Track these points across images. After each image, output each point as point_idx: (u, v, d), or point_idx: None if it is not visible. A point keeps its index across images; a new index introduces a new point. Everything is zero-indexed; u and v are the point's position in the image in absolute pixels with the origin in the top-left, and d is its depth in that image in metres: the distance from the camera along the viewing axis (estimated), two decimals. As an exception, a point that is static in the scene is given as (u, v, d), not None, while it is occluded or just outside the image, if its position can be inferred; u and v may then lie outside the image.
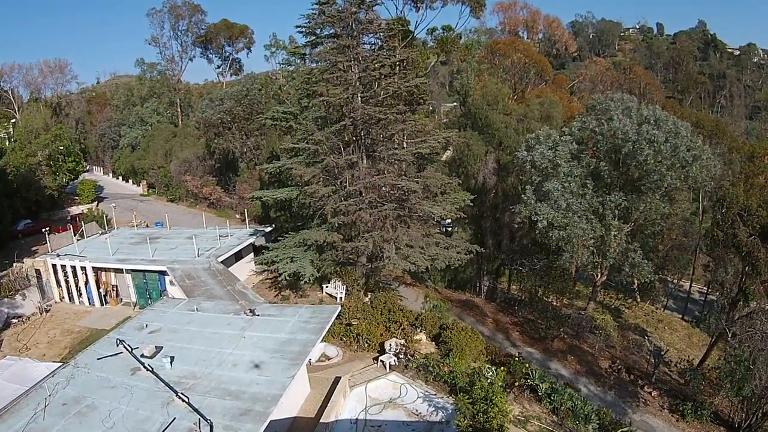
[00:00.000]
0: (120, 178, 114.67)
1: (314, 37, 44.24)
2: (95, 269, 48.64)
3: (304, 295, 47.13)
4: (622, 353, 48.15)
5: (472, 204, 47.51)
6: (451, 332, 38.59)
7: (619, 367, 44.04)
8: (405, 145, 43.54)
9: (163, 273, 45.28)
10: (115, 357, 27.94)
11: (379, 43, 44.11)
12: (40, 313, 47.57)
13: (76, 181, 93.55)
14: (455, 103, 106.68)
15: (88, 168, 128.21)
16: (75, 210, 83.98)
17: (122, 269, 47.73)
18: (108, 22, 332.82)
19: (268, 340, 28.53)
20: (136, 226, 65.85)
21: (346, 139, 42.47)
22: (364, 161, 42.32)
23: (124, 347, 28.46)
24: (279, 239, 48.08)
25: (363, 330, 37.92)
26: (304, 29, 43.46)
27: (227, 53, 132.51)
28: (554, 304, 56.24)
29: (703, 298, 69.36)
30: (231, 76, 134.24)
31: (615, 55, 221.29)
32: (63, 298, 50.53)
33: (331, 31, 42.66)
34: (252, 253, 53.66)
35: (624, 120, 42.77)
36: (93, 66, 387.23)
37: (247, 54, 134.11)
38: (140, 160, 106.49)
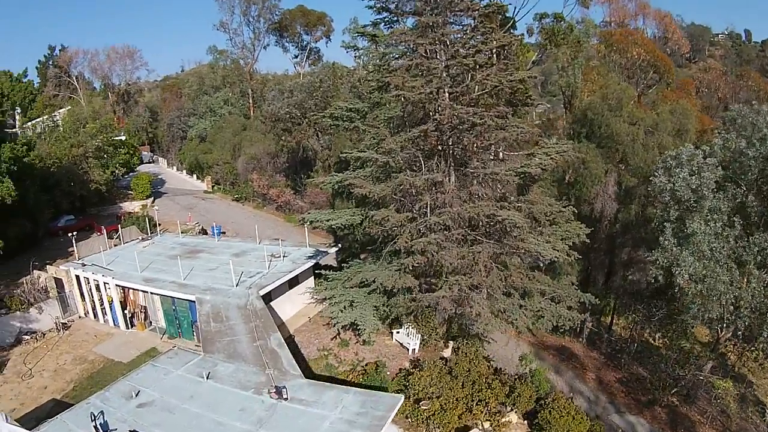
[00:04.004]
0: (184, 171, 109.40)
1: (388, 14, 35.12)
2: (120, 287, 42.05)
3: (369, 341, 38.23)
4: (738, 425, 39.10)
5: (587, 238, 37.52)
6: (549, 413, 29.70)
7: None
8: (503, 159, 34.21)
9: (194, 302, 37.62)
10: (83, 441, 20.24)
11: (473, 24, 34.45)
12: (57, 330, 42.03)
13: (131, 174, 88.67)
14: (549, 105, 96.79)
15: (153, 159, 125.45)
16: (128, 206, 78.99)
17: (147, 291, 40.72)
18: (193, 8, 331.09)
19: (291, 450, 19.70)
20: (187, 231, 59.49)
21: (429, 147, 33.59)
22: (452, 179, 33.29)
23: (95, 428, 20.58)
24: (344, 265, 40.70)
25: (436, 411, 28.80)
26: (375, 4, 34.41)
27: (305, 42, 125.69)
28: (668, 357, 46.61)
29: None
30: (309, 66, 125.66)
31: (706, 61, 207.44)
32: (87, 313, 44.51)
33: (409, 7, 33.96)
34: (312, 277, 44.82)
35: (782, 140, 32.86)
36: (178, 54, 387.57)
37: (327, 43, 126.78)
38: (206, 153, 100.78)
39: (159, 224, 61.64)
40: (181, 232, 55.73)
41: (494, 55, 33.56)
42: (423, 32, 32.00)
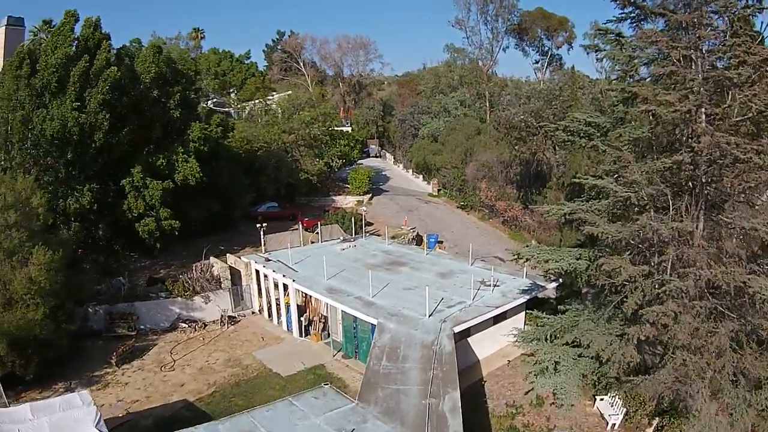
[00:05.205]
0: (411, 171, 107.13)
1: (634, 8, 28.24)
2: (300, 292, 39.51)
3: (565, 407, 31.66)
4: None
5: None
6: None
7: None
8: (755, 206, 26.67)
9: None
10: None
11: (730, 28, 26.56)
12: (222, 324, 41.16)
13: (351, 167, 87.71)
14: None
15: (380, 154, 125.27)
16: (342, 200, 77.84)
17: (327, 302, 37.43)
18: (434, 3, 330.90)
19: None
20: (398, 237, 55.88)
21: (679, 183, 26.58)
22: (700, 227, 26.02)
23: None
24: (560, 306, 34.29)
25: None
26: (618, -5, 27.82)
27: (546, 47, 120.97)
28: None
29: None
30: (550, 73, 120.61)
31: None
32: (261, 310, 43.72)
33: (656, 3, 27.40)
34: (522, 314, 38.75)
35: None
36: (421, 51, 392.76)
37: (568, 50, 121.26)
38: (435, 154, 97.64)
39: (371, 224, 59.95)
40: (391, 237, 52.25)
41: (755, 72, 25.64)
42: (674, 34, 25.89)
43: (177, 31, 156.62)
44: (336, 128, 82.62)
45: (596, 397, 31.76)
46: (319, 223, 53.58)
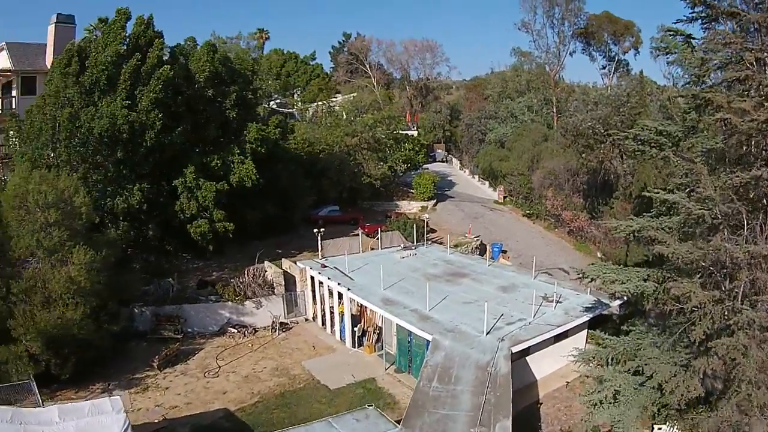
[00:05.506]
0: (477, 177, 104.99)
1: (704, 8, 26.25)
2: (355, 302, 38.23)
3: (624, 434, 30.19)
4: None
5: None
6: None
7: None
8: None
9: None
10: None
11: None
12: (273, 330, 40.31)
13: (417, 171, 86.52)
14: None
15: (447, 159, 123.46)
16: (406, 206, 76.64)
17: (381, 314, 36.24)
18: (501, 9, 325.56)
19: None
20: (461, 246, 53.73)
21: (753, 198, 24.68)
22: None
23: None
24: (623, 327, 32.44)
25: None
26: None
27: (613, 53, 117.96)
28: None
29: None
30: (617, 79, 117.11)
31: None
32: (315, 318, 42.81)
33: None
34: (584, 332, 36.83)
35: None
36: (489, 56, 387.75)
37: (635, 56, 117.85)
38: (501, 161, 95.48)
39: (434, 231, 58.92)
40: (454, 246, 50.65)
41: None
42: (747, 36, 24.50)
43: (238, 31, 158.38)
44: (401, 132, 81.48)
45: (654, 425, 30.07)
46: (380, 229, 52.41)
